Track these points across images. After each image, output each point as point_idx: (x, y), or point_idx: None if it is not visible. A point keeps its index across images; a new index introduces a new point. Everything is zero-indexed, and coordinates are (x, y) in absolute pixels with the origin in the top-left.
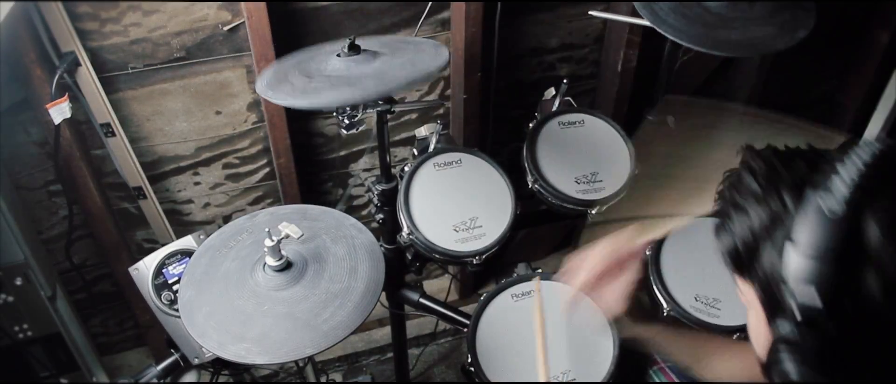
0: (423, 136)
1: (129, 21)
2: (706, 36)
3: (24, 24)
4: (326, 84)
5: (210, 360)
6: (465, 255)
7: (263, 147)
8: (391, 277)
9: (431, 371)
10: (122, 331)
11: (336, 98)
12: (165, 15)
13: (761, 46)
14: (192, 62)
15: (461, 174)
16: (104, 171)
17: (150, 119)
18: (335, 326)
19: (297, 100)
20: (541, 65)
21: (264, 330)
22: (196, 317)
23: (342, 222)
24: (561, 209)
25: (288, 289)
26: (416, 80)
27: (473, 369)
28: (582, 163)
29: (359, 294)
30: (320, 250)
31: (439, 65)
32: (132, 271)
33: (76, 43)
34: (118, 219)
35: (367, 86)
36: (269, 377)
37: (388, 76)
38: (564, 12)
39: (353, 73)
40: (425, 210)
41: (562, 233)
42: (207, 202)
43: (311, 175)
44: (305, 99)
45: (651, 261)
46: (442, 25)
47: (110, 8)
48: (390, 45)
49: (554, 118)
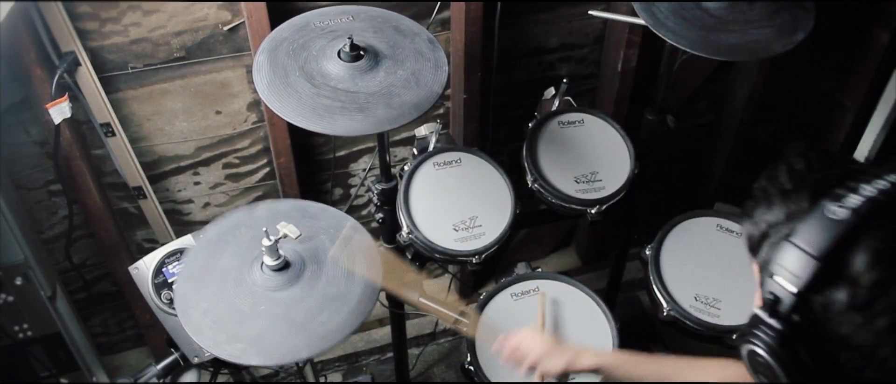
0: (423, 136)
1: (129, 21)
2: (705, 39)
3: (24, 24)
4: (336, 102)
5: (210, 359)
6: (464, 255)
7: (263, 147)
8: None
9: (431, 371)
10: (122, 330)
11: (352, 127)
12: (165, 15)
13: (759, 51)
14: (192, 62)
15: (461, 174)
16: (104, 171)
17: (150, 119)
18: (332, 330)
19: (311, 122)
20: (541, 65)
21: (260, 331)
22: (192, 314)
23: (342, 222)
24: (561, 209)
25: (285, 290)
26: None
27: (473, 369)
28: (582, 162)
29: (356, 297)
30: (318, 250)
31: (441, 81)
32: (132, 270)
33: (76, 43)
34: (118, 219)
35: (379, 115)
36: (269, 377)
37: (397, 101)
38: (564, 12)
39: (359, 87)
40: (425, 209)
41: (562, 233)
42: (207, 202)
43: (311, 175)
44: (318, 123)
45: (651, 261)
46: (442, 25)
47: (110, 8)
48: (385, 35)
49: (554, 118)
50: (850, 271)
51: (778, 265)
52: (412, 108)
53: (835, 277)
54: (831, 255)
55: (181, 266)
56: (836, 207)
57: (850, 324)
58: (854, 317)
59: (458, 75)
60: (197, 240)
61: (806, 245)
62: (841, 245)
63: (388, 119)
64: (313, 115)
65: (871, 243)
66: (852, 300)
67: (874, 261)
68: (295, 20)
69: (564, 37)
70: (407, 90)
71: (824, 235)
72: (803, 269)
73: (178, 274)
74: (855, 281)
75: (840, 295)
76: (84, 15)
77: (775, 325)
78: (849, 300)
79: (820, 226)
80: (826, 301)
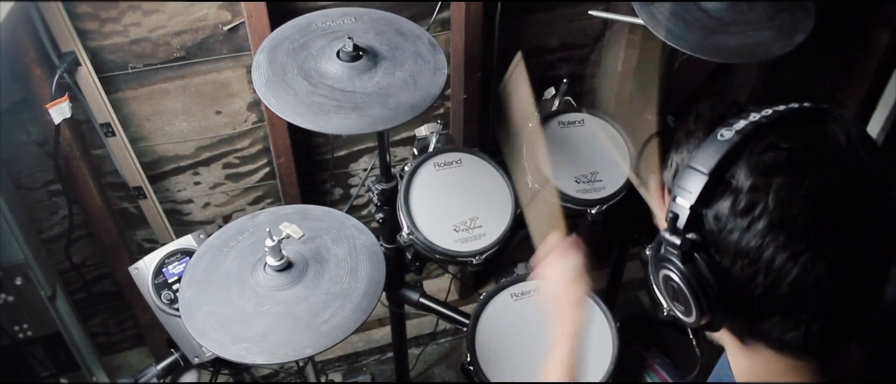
0: (423, 136)
1: (129, 21)
2: (704, 41)
3: (24, 24)
4: (331, 100)
5: (210, 360)
6: (465, 255)
7: (263, 147)
8: (391, 277)
9: (431, 371)
10: (122, 330)
11: (346, 126)
12: (165, 15)
13: (759, 53)
14: (192, 62)
15: (461, 174)
16: (104, 171)
17: (150, 119)
18: (335, 327)
19: (305, 120)
20: (541, 65)
21: (264, 330)
22: (196, 317)
23: (343, 223)
24: (561, 209)
25: (288, 290)
26: (419, 108)
27: (473, 369)
28: (582, 162)
29: (359, 294)
30: (321, 250)
31: (440, 83)
32: (132, 271)
33: (76, 43)
34: (118, 219)
35: (374, 114)
36: (269, 377)
37: (393, 102)
38: (564, 12)
39: (356, 87)
40: (425, 210)
41: None
42: (207, 202)
43: (311, 175)
44: (314, 121)
45: None
46: (442, 25)
47: (110, 8)
48: (386, 37)
49: (554, 118)
50: (733, 182)
51: (678, 187)
52: (408, 109)
53: (722, 190)
54: (718, 171)
55: (184, 271)
56: (724, 131)
57: (736, 229)
58: (738, 222)
59: (458, 75)
60: (200, 245)
61: (698, 165)
62: (725, 160)
63: (383, 119)
64: (308, 112)
65: (749, 156)
66: (734, 206)
67: (751, 170)
68: (298, 20)
69: (564, 37)
70: (404, 91)
71: (713, 155)
72: (696, 186)
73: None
74: (736, 189)
75: (725, 204)
76: (84, 15)
77: (675, 241)
78: (732, 207)
79: (710, 149)
80: (715, 213)
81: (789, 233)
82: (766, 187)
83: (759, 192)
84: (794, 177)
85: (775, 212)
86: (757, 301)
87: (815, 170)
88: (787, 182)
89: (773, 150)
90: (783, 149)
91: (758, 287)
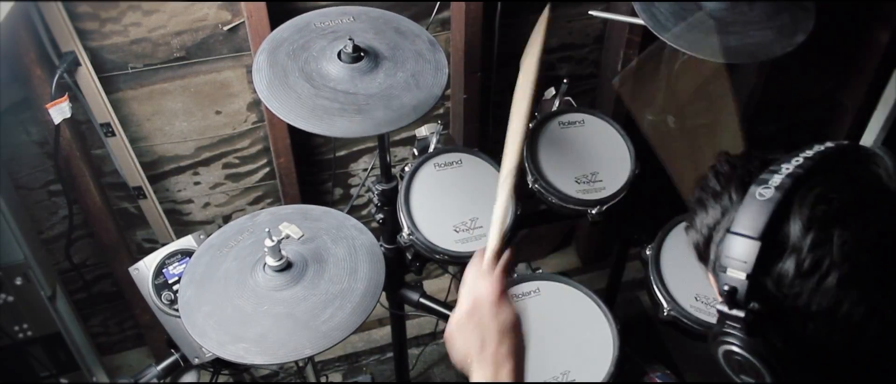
0: (423, 136)
1: (129, 21)
2: (704, 42)
3: (24, 24)
4: (335, 103)
5: (210, 360)
6: (465, 256)
7: (263, 147)
8: (391, 277)
9: (431, 371)
10: (122, 331)
11: (350, 129)
12: (165, 15)
13: (759, 53)
14: (192, 62)
15: (461, 174)
16: (104, 171)
17: (150, 119)
18: (334, 327)
19: (309, 124)
20: (541, 65)
21: (264, 330)
22: (195, 317)
23: (343, 223)
24: (561, 209)
25: (288, 290)
26: (423, 108)
27: None
28: (582, 162)
29: (359, 295)
30: (321, 251)
31: (441, 83)
32: (132, 271)
33: (76, 43)
34: (118, 219)
35: (377, 116)
36: (269, 377)
37: (396, 103)
38: (564, 12)
39: (359, 89)
40: (425, 210)
41: (562, 234)
42: (207, 202)
43: (311, 175)
44: (317, 125)
45: (651, 261)
46: (442, 25)
47: (110, 8)
48: (386, 36)
49: (554, 118)
50: (790, 242)
51: (725, 258)
52: (411, 110)
53: (778, 252)
54: (769, 233)
55: (184, 271)
56: (762, 190)
57: (805, 291)
58: (805, 284)
59: (458, 75)
60: (200, 246)
61: (744, 230)
62: (775, 220)
63: (386, 121)
64: (312, 116)
65: (800, 211)
66: (799, 268)
67: (807, 225)
68: (296, 20)
69: (564, 37)
70: (406, 92)
71: (758, 217)
72: (748, 253)
73: (181, 279)
74: (796, 249)
75: (787, 266)
76: (84, 15)
77: (738, 314)
78: (796, 269)
79: (753, 210)
80: (777, 277)
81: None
82: (828, 242)
83: (822, 249)
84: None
85: (844, 266)
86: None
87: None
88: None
89: (824, 203)
90: (833, 198)
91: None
